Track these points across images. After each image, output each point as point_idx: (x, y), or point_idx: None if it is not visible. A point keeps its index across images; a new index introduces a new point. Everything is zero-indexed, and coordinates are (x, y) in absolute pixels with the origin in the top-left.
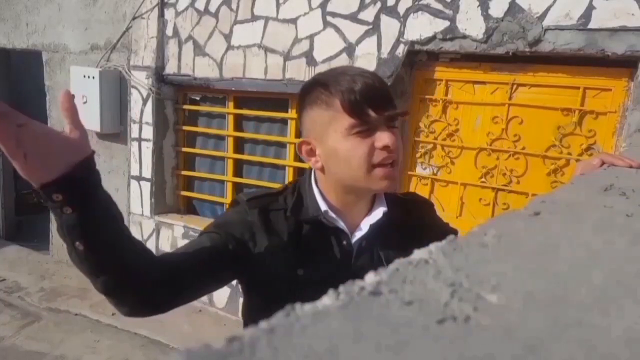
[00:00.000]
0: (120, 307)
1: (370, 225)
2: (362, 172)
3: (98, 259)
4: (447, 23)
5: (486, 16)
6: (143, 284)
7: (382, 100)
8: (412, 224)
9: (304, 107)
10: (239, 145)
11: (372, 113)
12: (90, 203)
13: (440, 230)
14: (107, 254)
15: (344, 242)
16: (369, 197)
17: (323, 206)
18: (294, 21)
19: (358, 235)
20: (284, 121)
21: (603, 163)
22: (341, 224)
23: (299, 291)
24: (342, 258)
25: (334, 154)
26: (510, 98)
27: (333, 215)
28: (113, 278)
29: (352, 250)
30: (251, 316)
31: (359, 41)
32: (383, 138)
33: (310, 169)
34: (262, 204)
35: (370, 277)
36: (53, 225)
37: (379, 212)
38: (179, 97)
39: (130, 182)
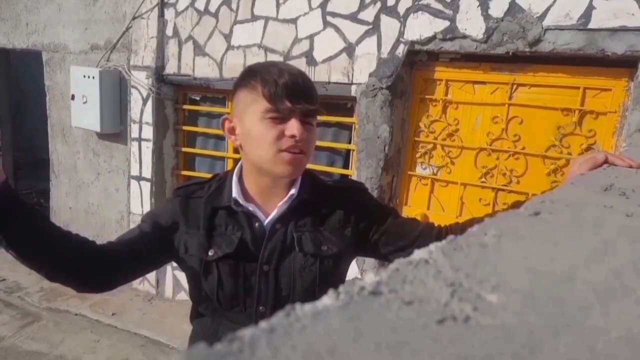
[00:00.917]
0: (71, 288)
1: (278, 207)
2: (269, 154)
3: (30, 261)
4: (447, 23)
5: (486, 16)
6: (80, 271)
7: (300, 94)
8: (329, 207)
9: (235, 90)
10: None
11: (287, 103)
12: (9, 224)
13: (368, 213)
14: (36, 256)
15: (257, 225)
16: (285, 182)
17: (234, 193)
18: (294, 21)
19: (270, 218)
20: None
21: (607, 160)
22: (252, 209)
23: (209, 270)
24: (253, 240)
25: (249, 133)
26: (510, 98)
27: (241, 201)
28: (51, 271)
29: (265, 232)
30: (188, 288)
31: (359, 41)
32: (293, 128)
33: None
34: (187, 192)
35: (370, 277)
36: None
37: (288, 196)
38: (179, 97)
39: (130, 182)
